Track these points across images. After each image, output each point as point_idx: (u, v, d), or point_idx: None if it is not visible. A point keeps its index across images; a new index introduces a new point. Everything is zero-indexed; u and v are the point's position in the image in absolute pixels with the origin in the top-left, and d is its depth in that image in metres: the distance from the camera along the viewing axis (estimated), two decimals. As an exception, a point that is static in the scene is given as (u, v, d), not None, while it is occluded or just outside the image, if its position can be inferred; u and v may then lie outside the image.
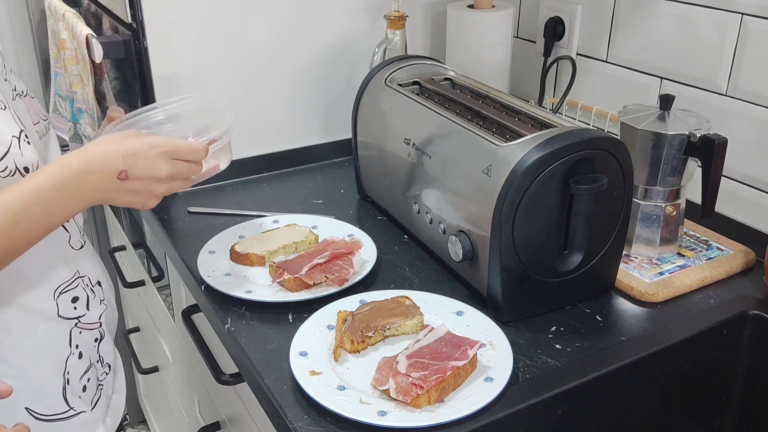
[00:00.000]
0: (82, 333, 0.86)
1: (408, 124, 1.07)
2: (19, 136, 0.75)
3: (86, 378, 0.86)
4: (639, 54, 1.23)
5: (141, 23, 1.19)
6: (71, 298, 0.84)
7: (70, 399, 0.84)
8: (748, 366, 0.98)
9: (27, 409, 0.80)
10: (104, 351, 0.92)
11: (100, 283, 0.91)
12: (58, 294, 0.82)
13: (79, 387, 0.85)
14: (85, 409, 0.86)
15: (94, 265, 0.91)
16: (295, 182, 1.34)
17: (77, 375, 0.85)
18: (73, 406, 0.84)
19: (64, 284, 0.83)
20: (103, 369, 0.91)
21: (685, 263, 1.04)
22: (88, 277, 0.88)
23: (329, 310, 0.93)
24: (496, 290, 0.92)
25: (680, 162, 1.00)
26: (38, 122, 0.86)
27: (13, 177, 0.74)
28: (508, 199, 0.86)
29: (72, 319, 0.84)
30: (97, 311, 0.88)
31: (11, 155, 0.73)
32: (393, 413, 0.76)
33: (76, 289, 0.85)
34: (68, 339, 0.84)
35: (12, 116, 0.76)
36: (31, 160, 0.76)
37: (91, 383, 0.88)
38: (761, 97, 1.07)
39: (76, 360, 0.85)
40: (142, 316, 1.77)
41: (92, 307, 0.87)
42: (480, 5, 1.35)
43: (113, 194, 0.79)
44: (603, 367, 0.84)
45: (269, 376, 0.84)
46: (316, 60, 1.35)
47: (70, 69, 1.37)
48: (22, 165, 0.75)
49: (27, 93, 0.86)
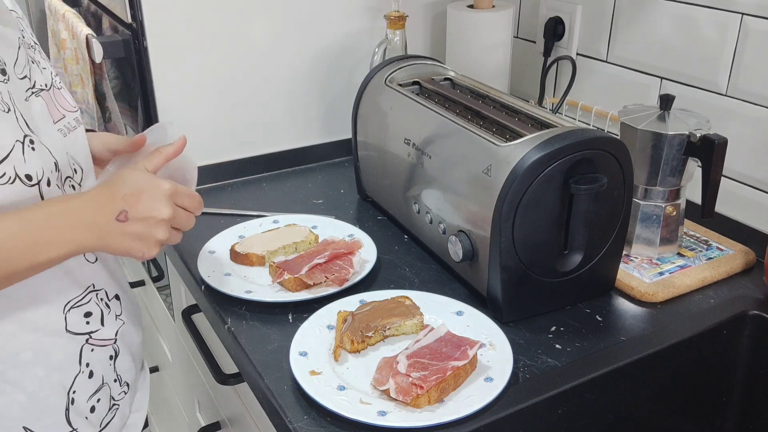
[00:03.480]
0: (94, 350, 0.80)
1: (408, 124, 1.07)
2: (23, 141, 0.69)
3: (96, 398, 0.81)
4: (639, 54, 1.23)
5: (141, 23, 1.19)
6: (83, 313, 0.79)
7: (74, 420, 0.79)
8: (748, 366, 0.98)
9: (25, 428, 0.76)
10: (122, 369, 0.85)
11: (119, 297, 0.85)
12: (69, 308, 0.77)
13: (86, 408, 0.80)
14: (91, 430, 0.81)
15: (111, 279, 0.84)
16: (295, 182, 1.34)
17: (85, 394, 0.80)
18: (76, 428, 0.79)
19: (75, 299, 0.78)
20: (121, 388, 0.86)
21: (685, 263, 1.04)
22: (104, 291, 0.82)
23: (329, 310, 0.93)
24: (496, 290, 0.92)
25: (680, 162, 1.00)
26: (62, 118, 0.78)
27: (12, 185, 0.68)
28: (508, 199, 0.86)
29: (82, 335, 0.79)
30: (112, 327, 0.83)
31: (11, 161, 0.68)
32: (393, 413, 0.76)
33: (89, 304, 0.80)
34: (78, 356, 0.78)
35: (16, 120, 0.70)
36: (35, 168, 0.70)
37: (101, 403, 0.82)
38: (761, 97, 1.07)
39: (86, 379, 0.79)
40: (142, 316, 1.77)
41: (107, 322, 0.82)
42: (480, 5, 1.35)
43: (111, 237, 0.72)
44: (603, 367, 0.84)
45: (269, 376, 0.84)
46: (316, 60, 1.35)
47: (70, 69, 1.37)
48: (23, 173, 0.69)
49: (52, 85, 0.79)
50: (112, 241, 0.73)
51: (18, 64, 0.74)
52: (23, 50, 0.76)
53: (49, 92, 0.78)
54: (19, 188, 0.69)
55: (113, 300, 0.84)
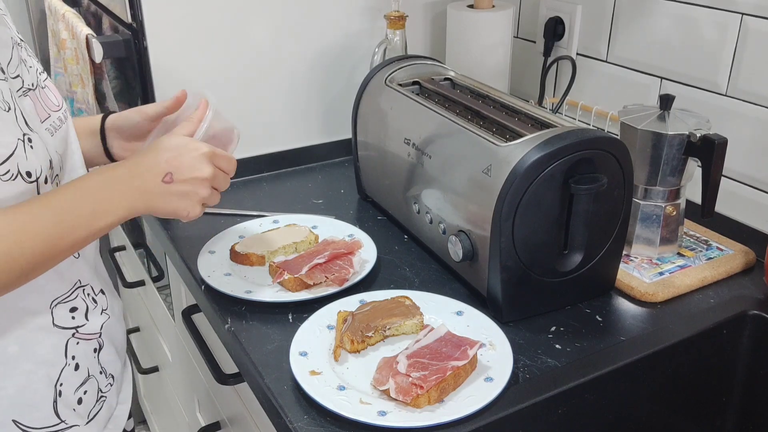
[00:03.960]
0: (79, 343, 0.82)
1: (408, 124, 1.07)
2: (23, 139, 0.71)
3: (82, 390, 0.83)
4: (639, 54, 1.23)
5: (141, 23, 1.19)
6: (69, 308, 0.81)
7: (62, 412, 0.81)
8: (748, 366, 0.98)
9: (14, 422, 0.77)
10: (106, 361, 0.87)
11: (104, 292, 0.88)
12: (55, 304, 0.79)
13: (74, 399, 0.82)
14: (79, 422, 0.82)
15: (95, 274, 0.87)
16: (295, 182, 1.34)
17: (72, 387, 0.81)
18: (64, 419, 0.81)
19: (62, 296, 0.80)
20: (107, 380, 0.88)
21: (685, 263, 1.04)
22: (90, 286, 0.85)
23: (329, 310, 0.93)
24: (496, 290, 0.92)
25: (680, 162, 1.00)
26: (47, 117, 0.80)
27: (14, 182, 0.70)
28: (508, 199, 0.86)
29: (69, 329, 0.81)
30: (98, 321, 0.85)
31: (15, 158, 0.70)
32: (393, 413, 0.76)
33: (75, 300, 0.82)
34: (64, 350, 0.80)
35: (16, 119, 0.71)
36: (34, 165, 0.72)
37: (88, 395, 0.84)
38: (761, 97, 1.07)
39: (71, 371, 0.81)
40: (142, 316, 1.77)
41: (92, 316, 0.84)
42: (480, 5, 1.35)
43: (159, 199, 0.78)
44: (603, 367, 0.84)
45: (269, 376, 0.84)
46: (316, 60, 1.35)
47: (70, 69, 1.37)
48: (24, 170, 0.71)
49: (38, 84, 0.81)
50: (160, 202, 0.78)
51: (12, 63, 0.76)
52: (16, 50, 0.77)
53: (35, 92, 0.79)
54: (20, 185, 0.71)
55: (99, 294, 0.87)
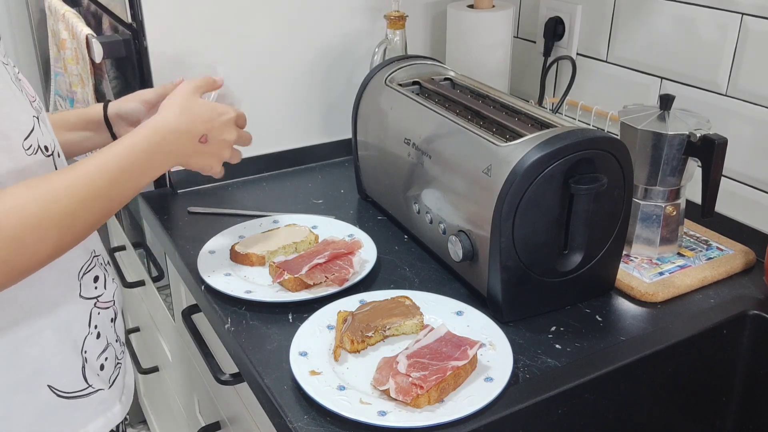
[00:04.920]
0: (100, 313, 0.86)
1: (408, 124, 1.07)
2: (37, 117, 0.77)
3: (104, 357, 0.87)
4: (639, 54, 1.23)
5: (141, 23, 1.19)
6: (93, 278, 0.85)
7: (89, 377, 0.85)
8: (748, 366, 0.98)
9: (49, 387, 0.81)
10: (120, 330, 0.93)
11: (109, 263, 0.93)
12: (82, 275, 0.84)
13: (97, 365, 0.86)
14: (103, 386, 0.87)
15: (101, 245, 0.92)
16: (295, 182, 1.34)
17: (95, 354, 0.85)
18: (91, 384, 0.85)
19: (85, 265, 0.84)
20: (121, 348, 0.92)
21: (685, 263, 1.04)
22: (102, 256, 0.89)
23: (329, 310, 0.93)
24: (496, 290, 0.92)
25: (680, 162, 1.00)
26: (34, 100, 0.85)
27: (36, 155, 0.75)
28: (508, 199, 0.86)
29: (92, 299, 0.85)
30: (111, 289, 0.90)
31: (35, 133, 0.75)
32: (393, 413, 0.76)
33: (95, 269, 0.86)
34: (88, 319, 0.84)
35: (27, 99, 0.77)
36: (48, 140, 0.78)
37: (108, 362, 0.88)
38: (761, 97, 1.07)
39: (94, 340, 0.85)
40: (142, 316, 1.77)
41: (108, 285, 0.89)
42: (480, 5, 1.35)
43: (192, 156, 0.88)
44: (603, 367, 0.85)
45: (269, 376, 0.84)
46: (316, 60, 1.35)
47: (70, 69, 1.37)
48: (43, 144, 0.76)
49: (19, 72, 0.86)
50: (194, 159, 0.90)
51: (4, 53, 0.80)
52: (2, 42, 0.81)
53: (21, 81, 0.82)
54: (40, 158, 0.76)
55: (108, 264, 0.92)
